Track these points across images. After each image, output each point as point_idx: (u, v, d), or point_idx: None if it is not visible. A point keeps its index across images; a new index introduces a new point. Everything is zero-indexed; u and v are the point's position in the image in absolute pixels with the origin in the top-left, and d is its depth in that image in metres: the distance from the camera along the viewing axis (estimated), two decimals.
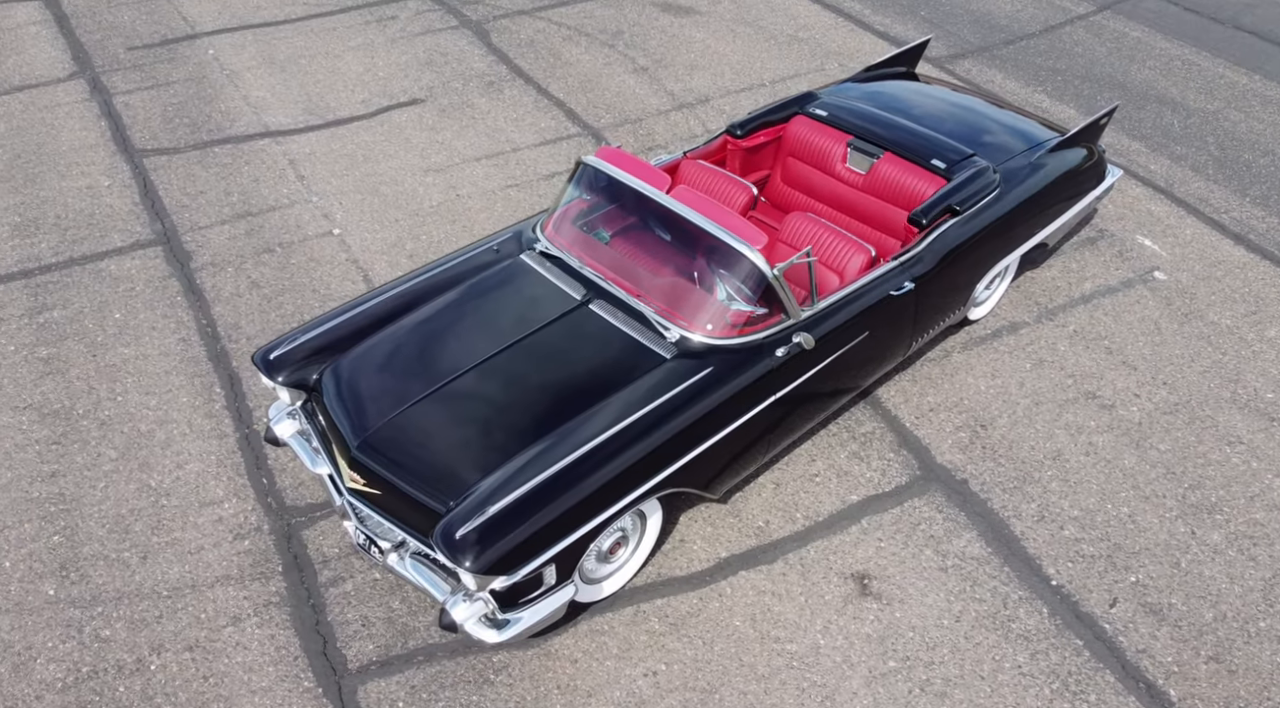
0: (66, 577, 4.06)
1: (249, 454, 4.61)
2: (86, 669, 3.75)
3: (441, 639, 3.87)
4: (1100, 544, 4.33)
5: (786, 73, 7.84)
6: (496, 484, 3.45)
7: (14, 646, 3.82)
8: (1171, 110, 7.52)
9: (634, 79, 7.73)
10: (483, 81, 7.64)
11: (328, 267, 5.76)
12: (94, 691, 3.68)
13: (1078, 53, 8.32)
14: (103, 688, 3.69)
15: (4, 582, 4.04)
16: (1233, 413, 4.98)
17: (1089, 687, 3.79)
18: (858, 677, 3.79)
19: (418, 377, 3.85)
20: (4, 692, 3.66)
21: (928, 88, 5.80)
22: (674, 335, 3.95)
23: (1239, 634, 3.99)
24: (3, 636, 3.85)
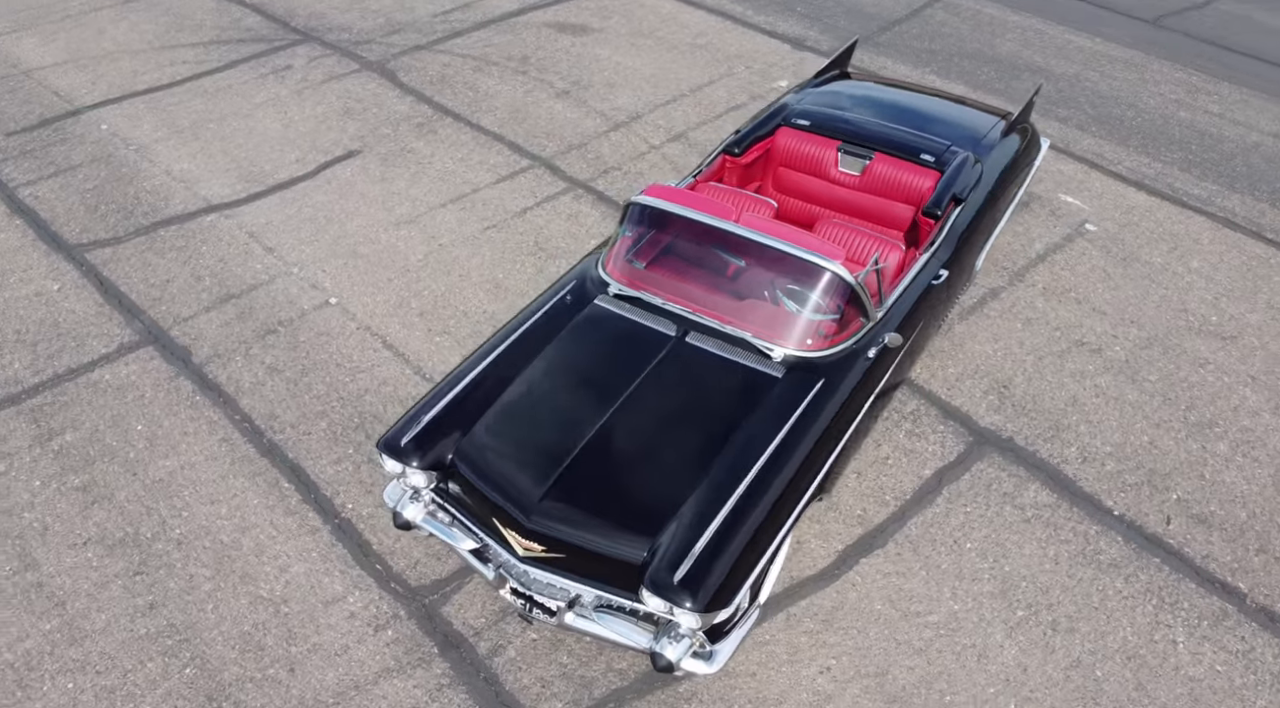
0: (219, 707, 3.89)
1: (350, 543, 4.52)
2: None
3: (623, 682, 4.00)
4: (1138, 472, 4.96)
5: (702, 80, 8.18)
6: (687, 524, 3.62)
7: None
8: (1042, 76, 8.42)
9: (560, 104, 7.85)
10: (411, 124, 7.54)
11: (341, 338, 5.61)
12: None
13: (946, 33, 9.11)
14: None
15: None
16: (1193, 338, 5.78)
17: (1179, 596, 4.39)
18: (998, 631, 4.23)
19: (558, 437, 3.92)
20: None
21: (880, 88, 6.29)
22: (778, 355, 4.22)
23: (1271, 525, 4.72)
24: None
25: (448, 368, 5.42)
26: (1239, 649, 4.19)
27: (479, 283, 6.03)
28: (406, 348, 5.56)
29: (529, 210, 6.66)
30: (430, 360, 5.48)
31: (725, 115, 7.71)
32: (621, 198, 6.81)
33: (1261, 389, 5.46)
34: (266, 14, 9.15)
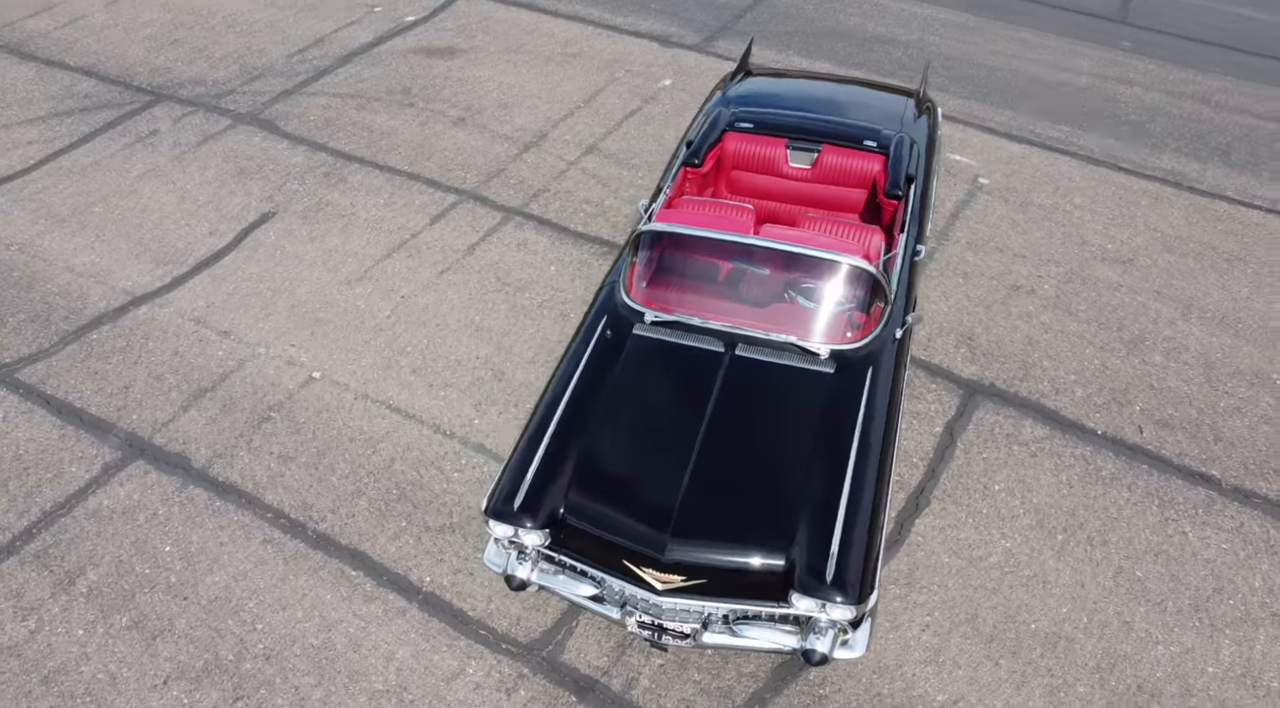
0: None
1: (445, 615, 4.49)
2: None
3: (757, 684, 4.25)
4: (1102, 393, 5.68)
5: (590, 89, 8.32)
6: (814, 526, 3.89)
7: None
8: (891, 45, 9.13)
9: (461, 132, 7.78)
10: (316, 175, 7.27)
11: (343, 412, 5.45)
12: None
13: (794, 14, 9.67)
14: None
15: None
16: (1100, 266, 6.59)
17: (1172, 492, 5.11)
18: (1049, 557, 4.78)
19: (663, 469, 4.08)
20: None
21: (795, 82, 6.69)
22: (825, 352, 4.54)
23: (1216, 416, 5.55)
24: None
25: (464, 421, 5.40)
26: (1232, 527, 4.95)
27: (459, 329, 5.98)
28: (414, 408, 5.47)
29: (476, 247, 6.63)
30: (444, 416, 5.43)
31: (626, 122, 7.91)
32: (561, 219, 6.89)
33: (1167, 301, 6.32)
34: (101, 76, 8.45)
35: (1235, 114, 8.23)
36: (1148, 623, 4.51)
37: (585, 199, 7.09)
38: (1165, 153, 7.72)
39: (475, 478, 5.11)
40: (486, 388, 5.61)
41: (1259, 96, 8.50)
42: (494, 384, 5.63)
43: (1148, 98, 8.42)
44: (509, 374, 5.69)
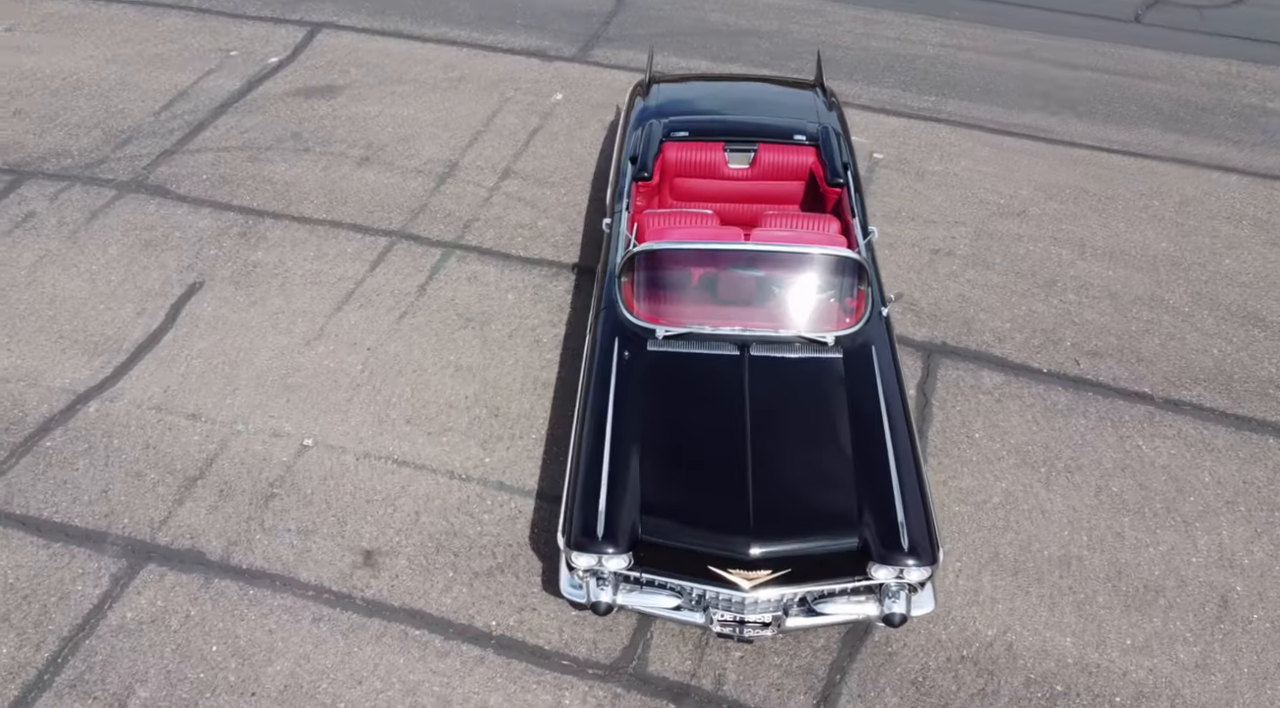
0: None
1: (523, 654, 4.56)
2: None
3: (832, 655, 4.57)
4: (1036, 335, 6.33)
5: (485, 112, 8.33)
6: (876, 501, 4.23)
7: None
8: (757, 37, 9.61)
9: (369, 172, 7.66)
10: (232, 236, 6.99)
11: (349, 475, 5.36)
12: None
13: (657, 15, 9.98)
14: None
15: None
16: (1001, 221, 7.29)
17: (1119, 412, 5.80)
18: (1040, 490, 5.34)
19: (724, 475, 4.31)
20: None
21: (708, 86, 7.00)
22: (831, 339, 4.88)
23: (1133, 338, 6.30)
24: None
25: (475, 461, 5.42)
26: (1173, 434, 5.69)
27: (438, 372, 5.97)
28: (421, 458, 5.45)
29: (426, 286, 6.59)
30: (454, 461, 5.43)
31: (532, 141, 8.00)
32: (501, 247, 6.93)
33: (1063, 244, 7.08)
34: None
35: (1064, 69, 9.20)
36: (1135, 531, 5.15)
37: (518, 223, 7.15)
38: (1022, 110, 8.55)
39: (506, 516, 5.16)
40: (486, 425, 5.64)
41: (1079, 50, 9.52)
42: (493, 421, 5.67)
43: (989, 61, 9.26)
44: (504, 408, 5.75)
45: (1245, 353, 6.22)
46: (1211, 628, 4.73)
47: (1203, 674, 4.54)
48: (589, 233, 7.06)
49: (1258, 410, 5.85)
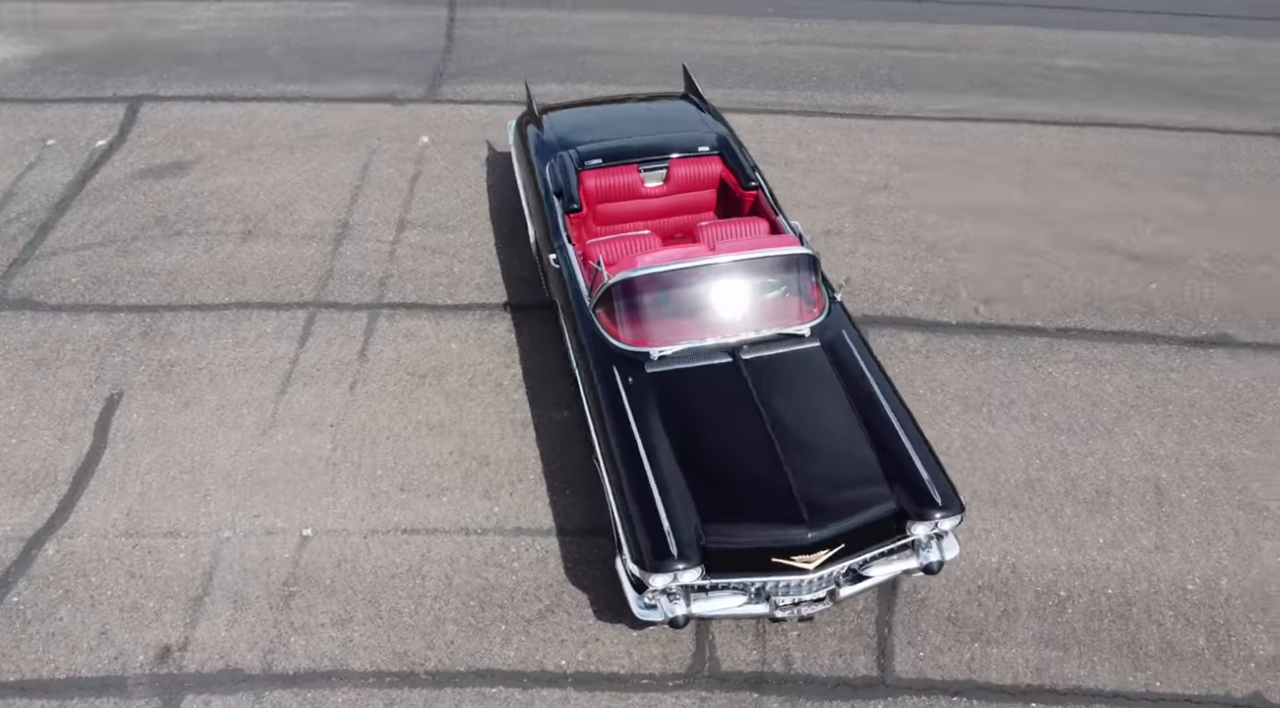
0: None
1: (605, 684, 4.71)
2: None
3: (875, 613, 5.03)
4: (936, 293, 7.06)
5: (356, 165, 8.19)
6: (897, 465, 4.70)
7: None
8: (596, 55, 9.92)
9: (258, 245, 7.38)
10: (133, 339, 6.57)
11: (364, 555, 5.27)
12: None
13: (492, 46, 10.07)
14: None
15: None
16: (870, 196, 8.01)
17: (1025, 347, 6.60)
18: (987, 428, 6.03)
19: (763, 473, 4.63)
20: None
21: (595, 110, 7.25)
22: (806, 330, 5.32)
23: (1009, 282, 7.16)
24: None
25: (484, 513, 5.47)
26: (1072, 358, 6.56)
27: (412, 434, 5.93)
28: (429, 523, 5.43)
29: (366, 352, 6.49)
30: (463, 518, 5.46)
31: (416, 188, 7.96)
32: (425, 299, 6.91)
33: (931, 209, 7.90)
34: None
35: (875, 50, 10.14)
36: (1072, 446, 5.94)
37: (434, 273, 7.14)
38: (854, 92, 9.37)
39: (535, 558, 5.26)
40: (481, 476, 5.69)
41: (882, 33, 10.52)
42: (486, 471, 5.72)
43: (809, 52, 10.06)
44: (492, 455, 5.81)
45: (1105, 278, 7.24)
46: (1156, 513, 5.57)
47: (1163, 553, 5.36)
48: (508, 270, 7.16)
49: (1128, 324, 6.84)
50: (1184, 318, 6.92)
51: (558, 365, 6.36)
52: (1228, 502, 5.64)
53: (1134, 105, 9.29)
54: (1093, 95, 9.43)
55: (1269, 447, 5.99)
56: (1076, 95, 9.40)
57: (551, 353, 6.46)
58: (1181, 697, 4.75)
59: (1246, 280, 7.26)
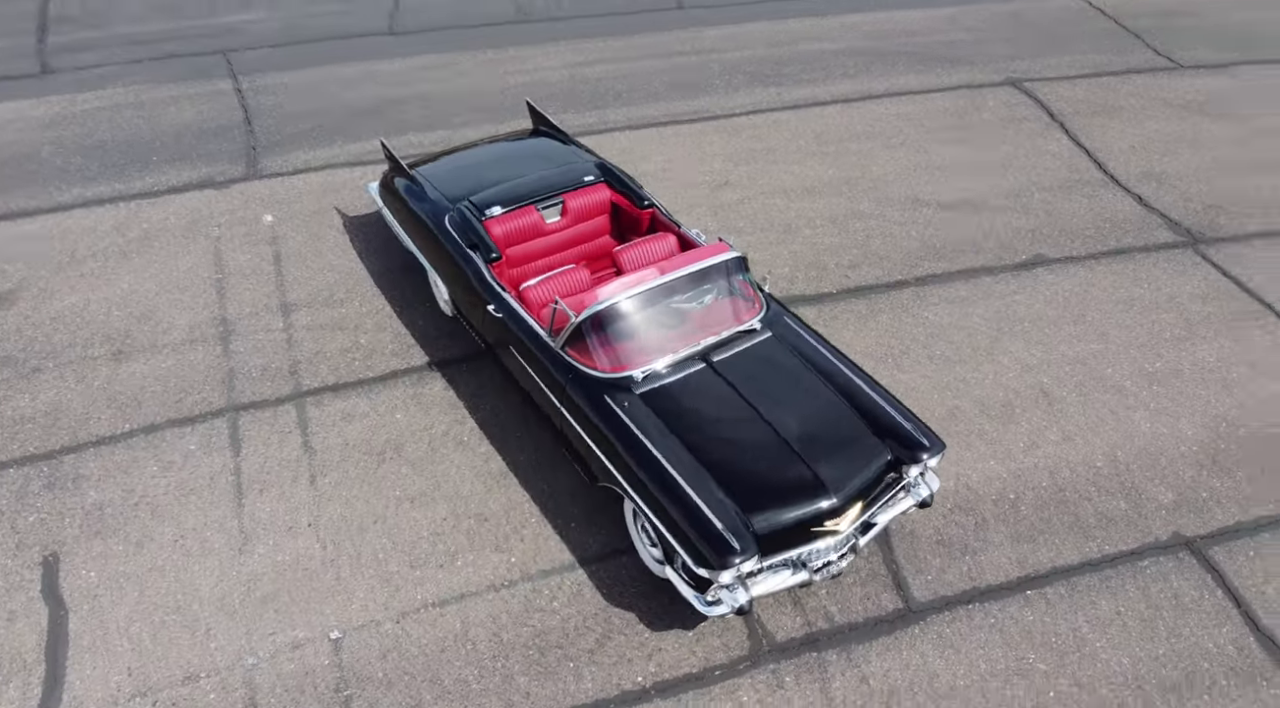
0: None
1: (680, 688, 5.04)
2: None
3: (879, 554, 5.69)
4: (809, 269, 7.86)
5: (208, 258, 7.78)
6: (880, 421, 5.35)
7: None
8: (407, 104, 9.90)
9: (136, 363, 6.89)
10: (39, 492, 6.02)
11: (405, 639, 5.24)
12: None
13: (296, 113, 9.78)
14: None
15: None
16: (719, 193, 8.69)
17: (900, 299, 7.54)
18: (906, 374, 6.89)
19: (773, 455, 5.12)
20: None
21: (468, 156, 7.38)
22: (757, 324, 5.86)
23: (860, 247, 8.12)
24: None
25: (504, 565, 5.58)
26: (939, 300, 7.57)
27: (398, 511, 5.89)
28: (456, 590, 5.47)
29: (311, 443, 6.31)
30: (485, 576, 5.53)
31: (283, 269, 7.71)
32: (346, 377, 6.79)
33: (773, 195, 8.70)
34: None
35: (659, 59, 10.85)
36: (969, 373, 6.92)
37: (341, 349, 7.01)
38: (659, 102, 10.02)
39: (571, 593, 5.46)
40: (484, 533, 5.78)
41: (660, 42, 11.25)
42: (486, 526, 5.81)
43: (609, 69, 10.60)
44: (486, 510, 5.90)
45: (930, 228, 8.36)
46: (1051, 412, 6.65)
47: (1070, 443, 6.44)
48: (416, 331, 7.16)
49: (966, 262, 7.97)
50: (1005, 248, 8.16)
51: (512, 410, 6.51)
52: (1096, 389, 6.83)
53: (891, 76, 10.62)
54: (855, 72, 10.66)
55: (1105, 338, 7.27)
56: (842, 75, 10.59)
57: (499, 400, 6.60)
58: (1126, 552, 5.79)
59: (1032, 208, 8.65)
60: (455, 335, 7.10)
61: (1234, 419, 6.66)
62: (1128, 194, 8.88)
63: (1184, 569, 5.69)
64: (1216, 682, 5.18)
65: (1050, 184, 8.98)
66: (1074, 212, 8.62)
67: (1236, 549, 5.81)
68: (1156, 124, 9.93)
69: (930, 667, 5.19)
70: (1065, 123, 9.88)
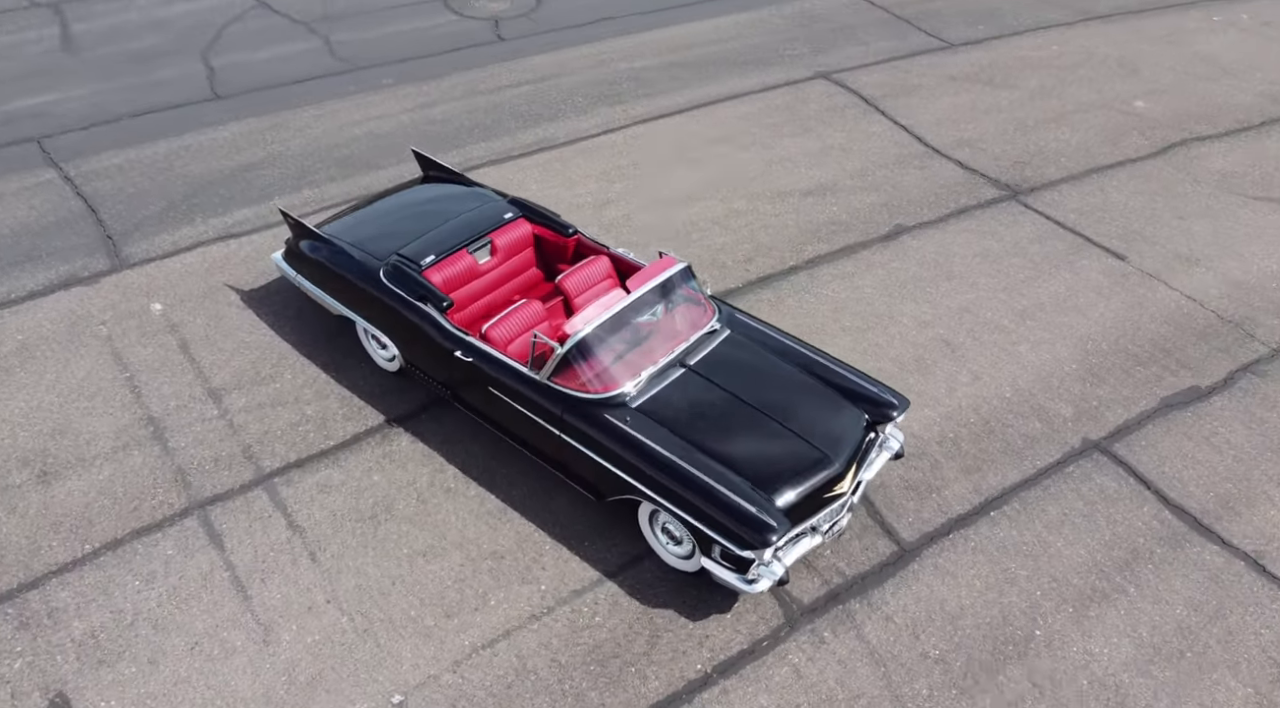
0: None
1: (738, 664, 5.46)
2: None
3: (867, 506, 6.35)
4: (713, 269, 8.44)
5: (106, 359, 7.35)
6: (848, 388, 5.99)
7: None
8: (260, 167, 9.62)
9: (70, 481, 6.46)
10: (14, 631, 5.59)
11: (465, 686, 5.33)
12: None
13: (143, 192, 9.27)
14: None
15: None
16: (602, 211, 9.12)
17: (801, 283, 8.29)
18: (842, 347, 7.60)
19: (773, 436, 5.64)
20: None
21: (370, 211, 7.42)
22: (717, 324, 6.36)
23: (750, 241, 8.82)
24: None
25: (535, 594, 5.77)
26: (835, 276, 8.37)
27: (413, 568, 5.92)
28: (498, 629, 5.60)
29: (296, 522, 6.19)
30: (522, 608, 5.69)
31: (195, 355, 7.40)
32: (304, 451, 6.67)
33: (655, 206, 9.21)
34: None
35: (495, 93, 11.12)
36: (879, 338, 7.74)
37: (290, 424, 6.87)
38: (514, 133, 10.31)
39: (609, 605, 5.74)
40: (506, 569, 5.93)
41: (488, 78, 11.51)
42: (505, 562, 5.97)
43: (457, 107, 10.75)
44: (499, 548, 6.05)
45: (800, 215, 9.17)
46: (956, 358, 7.58)
47: (980, 382, 7.38)
48: (361, 391, 7.12)
49: (841, 241, 8.84)
50: (868, 223, 9.11)
51: (487, 450, 6.66)
52: (984, 332, 7.84)
53: (717, 82, 11.42)
54: (684, 84, 11.38)
55: (976, 287, 8.34)
56: (672, 87, 11.28)
57: (471, 443, 6.72)
58: (1053, 463, 6.76)
59: (879, 185, 9.68)
60: (403, 390, 7.13)
61: (1094, 336, 7.86)
62: (949, 161, 10.11)
63: (1100, 468, 6.73)
64: (1154, 551, 6.20)
65: (885, 161, 10.05)
66: (913, 183, 9.72)
67: (1133, 442, 6.93)
68: (950, 98, 11.30)
69: (937, 595, 5.89)
70: (878, 105, 11.05)
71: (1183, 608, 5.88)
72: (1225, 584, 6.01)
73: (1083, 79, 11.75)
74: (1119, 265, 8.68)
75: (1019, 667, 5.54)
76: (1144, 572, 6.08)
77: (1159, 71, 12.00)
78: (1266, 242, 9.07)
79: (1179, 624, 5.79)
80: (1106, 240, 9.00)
